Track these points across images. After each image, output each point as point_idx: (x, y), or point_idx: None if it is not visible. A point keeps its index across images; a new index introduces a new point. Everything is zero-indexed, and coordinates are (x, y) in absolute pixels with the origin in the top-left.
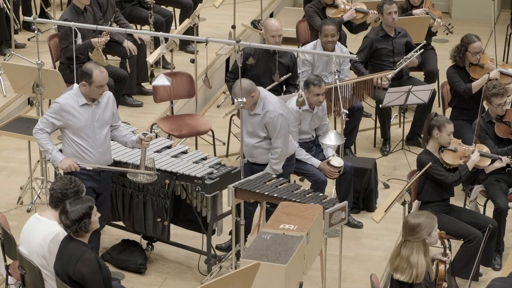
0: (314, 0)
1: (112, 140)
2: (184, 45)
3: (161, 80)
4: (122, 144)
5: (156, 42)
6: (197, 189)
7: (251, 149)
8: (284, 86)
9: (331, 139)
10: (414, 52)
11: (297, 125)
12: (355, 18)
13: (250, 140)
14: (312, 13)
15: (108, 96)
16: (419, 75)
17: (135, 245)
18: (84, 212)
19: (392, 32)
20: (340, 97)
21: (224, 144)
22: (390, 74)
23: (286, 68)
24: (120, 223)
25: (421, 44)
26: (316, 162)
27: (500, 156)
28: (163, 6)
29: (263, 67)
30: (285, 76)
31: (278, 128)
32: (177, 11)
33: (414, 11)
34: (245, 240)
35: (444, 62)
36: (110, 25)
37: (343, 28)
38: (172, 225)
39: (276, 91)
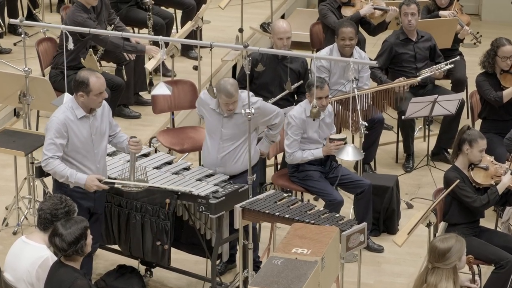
0: None
1: (108, 152)
2: (186, 50)
3: (161, 89)
4: (122, 151)
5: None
6: (200, 209)
7: (223, 157)
8: (295, 95)
9: (349, 154)
10: (444, 65)
11: (300, 133)
12: (373, 16)
13: (226, 146)
14: (327, 11)
15: (102, 105)
16: (446, 84)
17: (132, 271)
18: (81, 232)
19: (414, 36)
20: (358, 108)
21: None
22: (413, 82)
23: (297, 75)
24: (116, 246)
25: (453, 59)
26: (319, 151)
27: None
28: (163, 7)
29: (272, 74)
30: (296, 84)
31: (269, 108)
32: (179, 13)
33: (441, 13)
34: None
35: (473, 69)
36: (105, 28)
37: (361, 31)
38: (173, 249)
39: (287, 100)
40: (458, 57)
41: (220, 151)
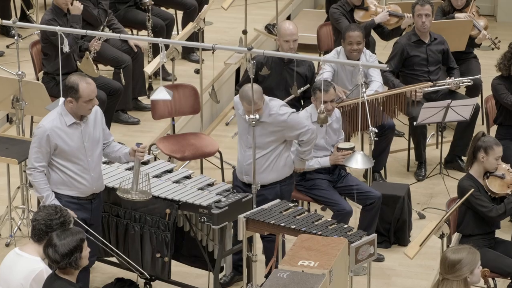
0: (341, 0)
1: (105, 160)
2: (187, 53)
3: (161, 93)
4: (116, 160)
5: (155, 50)
6: (202, 220)
7: (249, 166)
8: (302, 101)
9: (358, 162)
10: (465, 80)
11: None
12: (388, 22)
13: (251, 154)
14: (339, 15)
15: (95, 111)
16: (460, 88)
17: (131, 285)
18: (75, 244)
19: (426, 38)
20: (368, 113)
21: (233, 167)
22: (426, 87)
23: (304, 79)
24: (113, 259)
25: (474, 77)
26: (325, 160)
27: None
28: (163, 8)
29: (277, 78)
30: (303, 88)
31: (298, 123)
32: (179, 14)
33: (457, 15)
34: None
35: (488, 73)
36: (102, 30)
37: (373, 33)
38: (173, 262)
39: (293, 105)
40: (479, 76)
41: (246, 159)
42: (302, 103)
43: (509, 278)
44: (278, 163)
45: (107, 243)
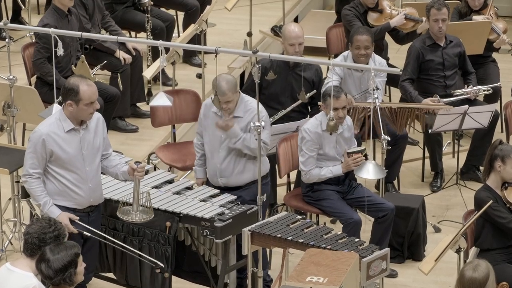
0: (354, 1)
1: (102, 173)
2: (188, 57)
3: (161, 99)
4: (112, 176)
5: (155, 53)
6: (204, 233)
7: (225, 167)
8: (308, 107)
9: (369, 172)
10: (483, 90)
11: (315, 149)
12: (403, 26)
13: (226, 154)
14: (352, 17)
15: (96, 118)
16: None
17: None
18: (70, 259)
19: (442, 41)
20: (379, 121)
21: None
22: (445, 109)
23: (311, 84)
24: (111, 274)
25: (493, 85)
26: (338, 168)
27: None
28: (163, 9)
29: (282, 83)
30: (309, 94)
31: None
32: (180, 15)
33: (475, 17)
34: None
35: (508, 77)
36: (99, 32)
37: (387, 36)
38: (174, 278)
39: (300, 112)
40: (499, 84)
41: (221, 160)
42: (310, 110)
43: None
44: (252, 161)
45: (115, 240)
